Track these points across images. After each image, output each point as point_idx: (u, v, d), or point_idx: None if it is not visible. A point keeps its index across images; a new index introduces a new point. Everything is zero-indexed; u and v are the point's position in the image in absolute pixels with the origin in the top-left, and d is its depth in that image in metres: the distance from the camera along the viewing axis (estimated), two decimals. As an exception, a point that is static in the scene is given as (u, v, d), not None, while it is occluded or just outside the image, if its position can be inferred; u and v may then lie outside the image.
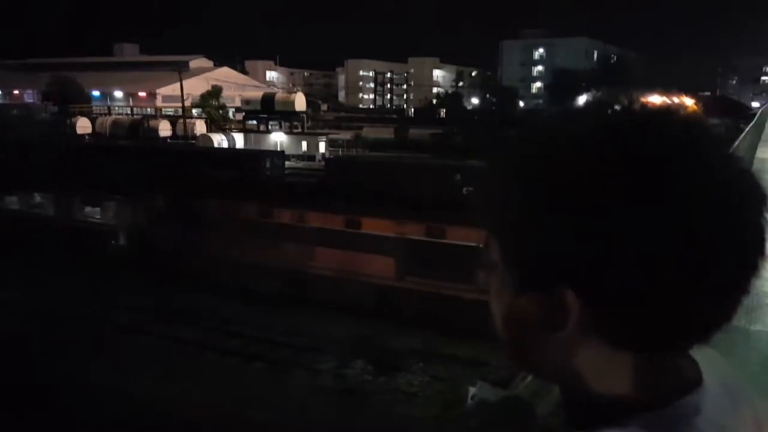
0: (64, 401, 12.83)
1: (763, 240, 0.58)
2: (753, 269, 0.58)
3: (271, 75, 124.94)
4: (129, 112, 69.94)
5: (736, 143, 8.14)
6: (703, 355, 0.66)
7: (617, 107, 0.60)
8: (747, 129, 14.13)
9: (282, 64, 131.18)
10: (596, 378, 0.61)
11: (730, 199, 0.55)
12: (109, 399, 13.04)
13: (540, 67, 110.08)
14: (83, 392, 13.28)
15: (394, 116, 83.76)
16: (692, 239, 0.54)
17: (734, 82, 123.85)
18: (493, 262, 0.65)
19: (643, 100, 0.59)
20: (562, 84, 75.80)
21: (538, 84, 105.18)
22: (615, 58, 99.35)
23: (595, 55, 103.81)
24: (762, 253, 0.58)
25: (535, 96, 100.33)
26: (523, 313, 0.62)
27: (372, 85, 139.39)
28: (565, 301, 0.58)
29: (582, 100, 0.67)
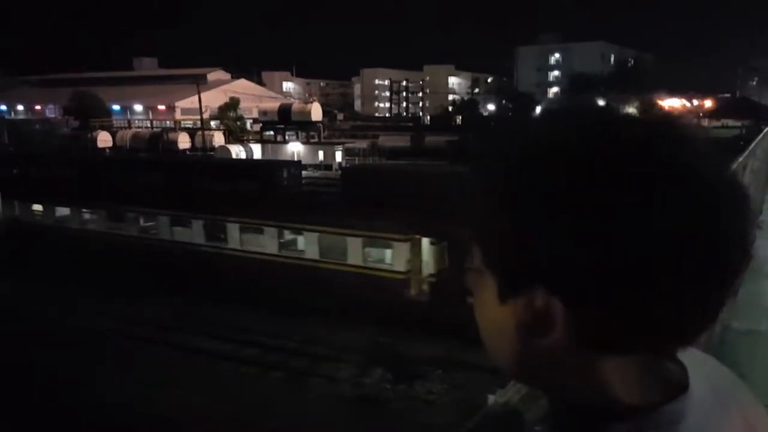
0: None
1: (743, 241, 0.58)
2: (734, 271, 0.58)
3: (288, 86, 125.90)
4: (149, 125, 70.82)
5: (754, 144, 8.08)
6: (694, 360, 0.66)
7: (594, 111, 0.62)
8: (766, 130, 14.04)
9: (298, 75, 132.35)
10: (581, 384, 0.61)
11: (708, 202, 0.56)
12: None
13: (556, 72, 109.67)
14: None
15: (410, 124, 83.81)
16: (667, 242, 0.54)
17: (754, 83, 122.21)
18: (476, 268, 0.65)
19: (652, 102, 0.60)
20: (578, 88, 75.28)
21: (555, 89, 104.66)
22: (632, 62, 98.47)
23: (612, 59, 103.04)
24: (743, 254, 0.58)
25: (552, 101, 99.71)
26: (507, 319, 0.62)
27: (388, 93, 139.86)
28: (550, 307, 0.58)
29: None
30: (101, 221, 25.55)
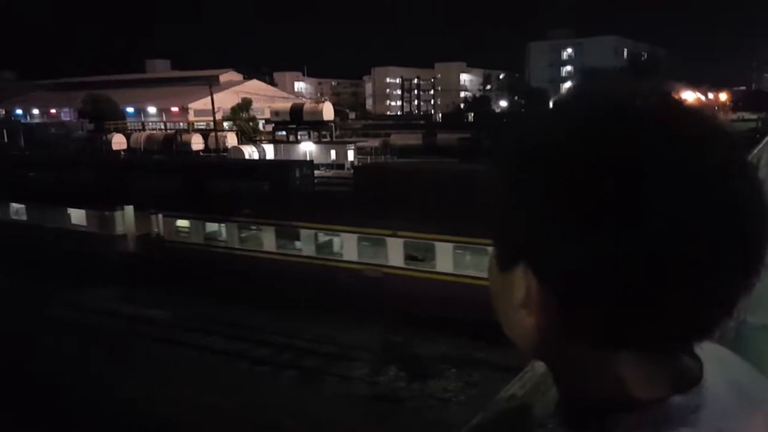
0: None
1: (757, 240, 0.56)
2: (746, 270, 0.56)
3: (299, 86, 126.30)
4: (162, 126, 71.35)
5: (770, 137, 8.00)
6: (712, 355, 0.64)
7: (601, 104, 0.60)
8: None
9: (310, 75, 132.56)
10: (588, 376, 0.61)
11: (716, 199, 0.54)
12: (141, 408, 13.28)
13: (568, 67, 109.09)
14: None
15: (422, 122, 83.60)
16: (665, 241, 0.52)
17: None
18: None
19: (668, 93, 0.59)
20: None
21: (568, 84, 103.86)
22: (645, 56, 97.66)
23: (625, 53, 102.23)
24: (757, 253, 0.56)
25: (565, 92, 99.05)
26: (499, 288, 0.65)
27: (399, 91, 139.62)
28: (524, 279, 0.60)
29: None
30: (268, 239, 21.32)
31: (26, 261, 22.60)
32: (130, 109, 74.50)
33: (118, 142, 57.99)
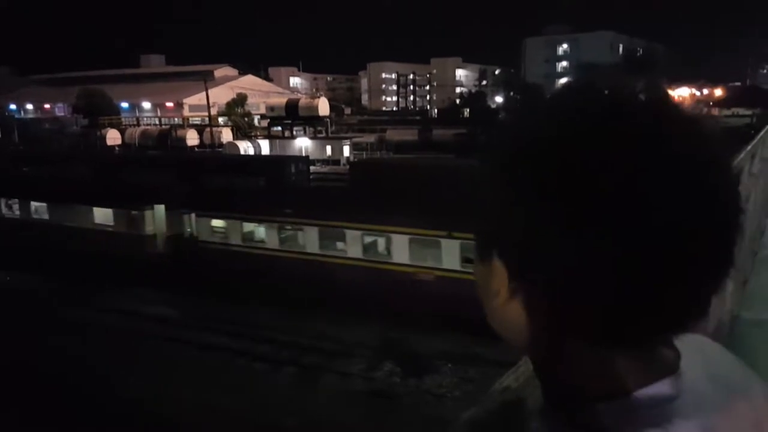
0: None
1: (726, 231, 0.56)
2: (719, 266, 0.57)
3: (295, 81, 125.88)
4: (157, 122, 71.12)
5: (764, 132, 8.00)
6: (694, 347, 0.65)
7: (594, 101, 0.59)
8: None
9: (305, 70, 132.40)
10: (569, 367, 0.61)
11: (698, 197, 0.54)
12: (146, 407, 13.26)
13: (564, 63, 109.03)
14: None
15: (418, 118, 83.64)
16: (651, 238, 0.52)
17: (765, 71, 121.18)
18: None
19: (661, 90, 0.59)
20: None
21: (564, 80, 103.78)
22: (641, 51, 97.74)
23: (621, 49, 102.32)
24: (737, 243, 0.57)
25: (558, 88, 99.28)
26: (481, 279, 0.65)
27: (395, 87, 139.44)
28: (502, 267, 0.61)
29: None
30: (310, 240, 20.17)
31: (47, 261, 21.99)
32: (124, 105, 74.22)
33: (113, 137, 57.72)
